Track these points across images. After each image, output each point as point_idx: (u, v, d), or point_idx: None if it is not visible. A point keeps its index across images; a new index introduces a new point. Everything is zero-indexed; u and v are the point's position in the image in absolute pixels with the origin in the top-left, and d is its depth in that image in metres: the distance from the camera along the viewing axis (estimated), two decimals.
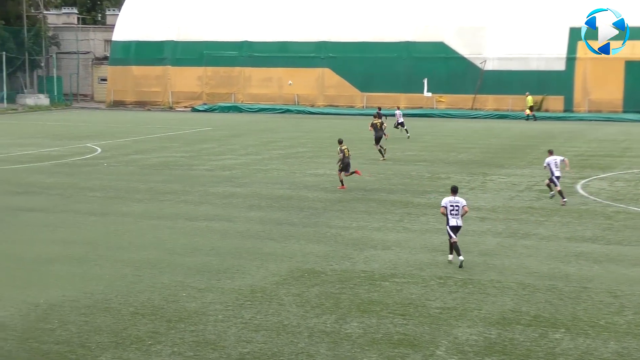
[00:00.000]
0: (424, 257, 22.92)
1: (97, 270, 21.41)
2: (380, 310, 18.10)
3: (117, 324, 17.21)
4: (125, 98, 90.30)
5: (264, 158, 44.60)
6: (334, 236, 25.50)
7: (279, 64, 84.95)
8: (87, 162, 43.24)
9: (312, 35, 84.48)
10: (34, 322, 17.31)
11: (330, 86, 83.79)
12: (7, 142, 52.43)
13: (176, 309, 18.14)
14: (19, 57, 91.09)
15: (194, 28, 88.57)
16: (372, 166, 41.22)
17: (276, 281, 20.36)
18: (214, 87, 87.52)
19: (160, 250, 23.70)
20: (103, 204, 31.18)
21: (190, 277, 20.64)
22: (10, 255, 23.20)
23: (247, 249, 23.84)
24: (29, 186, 35.09)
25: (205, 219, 28.14)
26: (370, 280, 20.43)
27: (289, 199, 31.90)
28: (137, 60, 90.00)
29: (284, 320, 17.42)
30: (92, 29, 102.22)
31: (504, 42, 79.76)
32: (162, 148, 49.55)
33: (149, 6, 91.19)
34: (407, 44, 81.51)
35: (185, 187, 34.86)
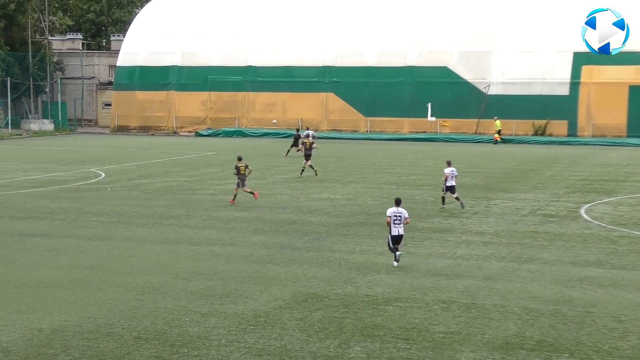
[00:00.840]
0: (428, 281, 22.87)
1: (100, 295, 21.39)
2: (383, 335, 18.06)
3: (119, 349, 17.18)
4: (130, 123, 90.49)
5: (267, 182, 44.62)
6: (338, 260, 25.47)
7: (283, 89, 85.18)
8: (91, 187, 43.29)
9: (316, 60, 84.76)
10: (37, 347, 17.29)
11: (334, 111, 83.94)
12: (12, 167, 52.52)
13: (179, 334, 18.11)
14: (24, 82, 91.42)
15: (198, 53, 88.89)
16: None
17: (279, 305, 20.33)
18: (218, 111, 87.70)
19: (164, 274, 23.69)
20: (106, 228, 31.19)
21: (194, 302, 20.62)
22: (14, 279, 23.19)
23: (251, 273, 23.82)
24: (33, 211, 35.12)
25: (208, 244, 28.13)
26: (373, 305, 20.39)
27: (293, 224, 31.89)
28: (141, 85, 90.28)
29: (287, 345, 17.38)
30: (96, 55, 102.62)
31: (508, 67, 79.96)
32: (166, 173, 49.60)
33: (153, 32, 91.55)
34: (411, 69, 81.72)
35: (188, 211, 34.87)
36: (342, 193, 40.40)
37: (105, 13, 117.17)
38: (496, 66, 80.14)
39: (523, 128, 78.11)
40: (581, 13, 73.49)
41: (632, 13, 77.38)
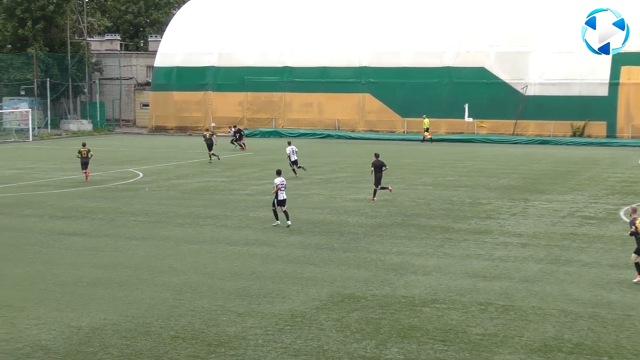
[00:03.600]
0: (465, 283, 22.80)
1: (138, 294, 21.53)
2: (420, 336, 18.03)
3: (157, 347, 17.29)
4: (167, 123, 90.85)
5: (304, 183, 44.65)
6: (375, 261, 25.46)
7: (319, 90, 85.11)
8: (129, 186, 43.56)
9: (352, 60, 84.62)
10: (76, 345, 17.44)
11: (370, 111, 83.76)
12: (51, 167, 52.96)
13: (216, 333, 18.18)
14: (63, 83, 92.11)
15: (235, 54, 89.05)
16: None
17: (316, 306, 20.35)
18: (254, 112, 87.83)
19: (201, 274, 23.79)
20: (144, 228, 31.38)
21: (231, 302, 20.69)
22: (53, 278, 23.40)
23: (287, 273, 23.86)
24: (72, 210, 35.40)
25: (245, 244, 28.22)
26: (410, 306, 20.36)
27: (330, 224, 31.90)
28: (178, 85, 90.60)
29: (324, 345, 17.40)
30: (134, 55, 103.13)
31: (546, 68, 79.38)
32: (203, 173, 49.78)
33: (190, 32, 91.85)
34: (448, 69, 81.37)
35: (225, 211, 34.99)
36: (379, 194, 40.27)
37: (142, 14, 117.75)
38: (533, 67, 79.57)
39: (561, 129, 77.51)
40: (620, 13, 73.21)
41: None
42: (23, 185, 44.07)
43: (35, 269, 24.63)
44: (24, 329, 18.52)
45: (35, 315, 19.56)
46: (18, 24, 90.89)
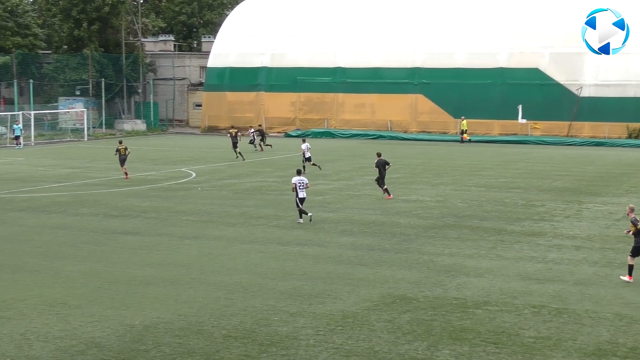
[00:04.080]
0: (518, 285, 22.63)
1: (190, 293, 21.67)
2: (472, 338, 17.93)
3: (209, 346, 17.38)
4: (220, 123, 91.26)
5: (356, 184, 44.63)
6: (426, 262, 25.37)
7: (372, 90, 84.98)
8: (181, 186, 43.86)
9: (405, 61, 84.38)
10: (129, 343, 17.59)
11: (423, 112, 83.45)
12: (105, 167, 53.49)
13: (268, 333, 18.24)
14: (118, 83, 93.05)
15: (288, 54, 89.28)
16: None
17: (368, 307, 20.33)
18: (307, 112, 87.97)
19: (253, 274, 23.88)
20: (197, 227, 31.58)
21: (282, 302, 20.74)
22: (107, 276, 23.64)
23: (339, 274, 23.86)
24: (126, 209, 35.73)
25: (297, 244, 28.27)
26: (462, 308, 20.25)
27: (381, 225, 31.85)
28: (231, 86, 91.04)
29: (375, 347, 17.37)
30: (187, 56, 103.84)
31: (601, 69, 78.51)
32: (255, 173, 49.98)
33: (243, 33, 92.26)
34: (502, 70, 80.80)
35: (277, 211, 35.08)
36: (431, 195, 40.20)
37: (196, 15, 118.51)
38: (589, 68, 78.74)
39: (616, 131, 76.59)
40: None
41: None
42: (78, 184, 44.58)
43: (90, 267, 24.90)
44: (79, 327, 18.73)
45: (89, 313, 19.78)
46: (74, 25, 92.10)
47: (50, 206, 36.71)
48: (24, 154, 64.88)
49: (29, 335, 18.15)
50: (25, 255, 26.63)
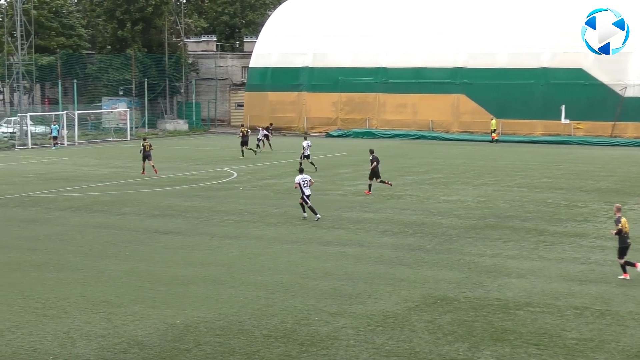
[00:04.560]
0: (560, 286, 22.46)
1: (231, 293, 21.75)
2: (514, 340, 17.82)
3: (250, 346, 17.43)
4: (261, 123, 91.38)
5: (397, 184, 44.52)
6: (468, 263, 25.26)
7: (413, 90, 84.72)
8: (223, 186, 44.03)
9: (447, 61, 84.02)
10: (170, 342, 17.70)
11: (465, 112, 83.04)
12: (148, 166, 53.79)
13: (308, 333, 18.25)
14: (160, 83, 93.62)
15: (329, 54, 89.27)
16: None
17: (408, 307, 20.28)
18: (348, 112, 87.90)
19: (293, 273, 23.92)
20: (238, 227, 31.68)
21: (323, 301, 20.75)
22: (149, 275, 23.79)
23: (380, 274, 23.83)
24: (167, 209, 35.94)
25: (337, 244, 28.27)
26: (504, 309, 20.14)
27: (422, 225, 31.76)
28: (273, 86, 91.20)
29: (416, 347, 17.33)
30: (230, 56, 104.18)
31: None
32: (296, 173, 49.85)
33: (285, 33, 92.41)
34: (545, 70, 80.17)
35: (318, 211, 35.06)
36: (472, 195, 40.02)
37: (238, 15, 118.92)
38: (633, 68, 77.92)
39: None
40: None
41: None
42: (121, 184, 44.92)
43: (132, 266, 25.07)
44: (121, 325, 18.87)
45: (131, 312, 19.92)
46: (117, 26, 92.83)
47: (93, 205, 37.02)
48: (67, 153, 65.49)
49: (72, 333, 18.33)
50: (68, 254, 26.89)
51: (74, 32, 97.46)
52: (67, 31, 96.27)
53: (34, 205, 37.33)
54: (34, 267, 25.01)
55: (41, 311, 20.06)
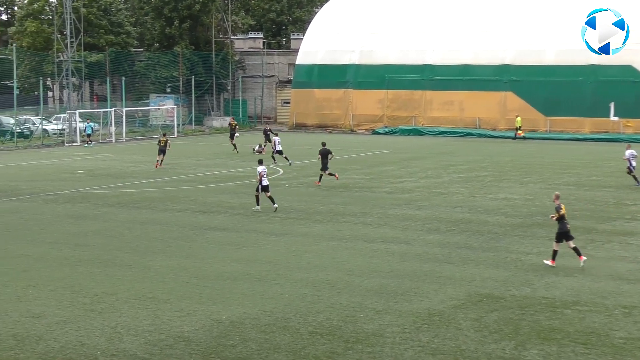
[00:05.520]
0: (608, 285, 22.24)
1: (277, 289, 21.81)
2: (561, 339, 17.69)
3: (295, 342, 17.47)
4: (307, 120, 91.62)
5: (443, 181, 44.37)
6: (514, 261, 25.11)
7: (460, 88, 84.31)
8: (269, 182, 44.03)
9: (494, 58, 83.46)
10: (216, 338, 17.78)
11: (512, 110, 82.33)
12: (195, 163, 54.16)
13: (354, 330, 18.25)
14: (207, 80, 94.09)
15: (376, 51, 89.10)
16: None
17: (454, 305, 20.21)
18: (394, 110, 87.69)
19: (339, 271, 23.93)
20: (284, 224, 31.76)
21: (368, 299, 20.74)
22: (196, 271, 23.93)
23: (425, 272, 23.77)
24: (214, 205, 36.12)
25: (383, 241, 28.23)
26: (551, 307, 19.99)
27: (469, 223, 31.62)
28: (319, 83, 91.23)
29: (462, 345, 17.26)
30: (276, 53, 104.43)
31: None
32: (343, 170, 49.99)
33: (331, 31, 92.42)
34: (594, 67, 79.32)
35: (364, 209, 35.08)
36: (519, 193, 39.76)
37: (285, 12, 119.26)
38: None
39: None
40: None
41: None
42: (168, 180, 45.21)
43: (179, 262, 25.24)
44: (167, 321, 19.00)
45: (178, 308, 20.05)
46: (165, 23, 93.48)
47: (140, 202, 37.32)
48: (115, 150, 66.05)
49: (119, 328, 18.49)
50: (116, 249, 27.13)
51: (123, 29, 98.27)
52: (115, 29, 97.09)
53: (83, 201, 37.72)
54: (83, 262, 25.28)
55: (89, 306, 20.27)
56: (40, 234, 30.03)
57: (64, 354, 16.88)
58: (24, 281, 22.85)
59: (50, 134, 76.80)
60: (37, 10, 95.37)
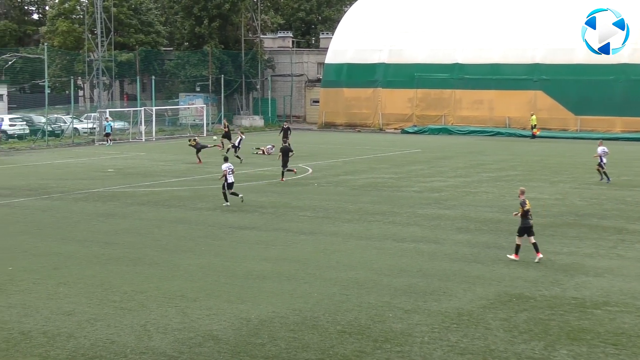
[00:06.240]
0: (639, 285, 22.07)
1: (306, 288, 21.82)
2: (591, 339, 17.58)
3: (324, 341, 17.47)
4: (336, 119, 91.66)
5: (473, 181, 44.23)
6: (544, 261, 24.98)
7: (490, 87, 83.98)
8: (298, 181, 44.18)
9: (525, 57, 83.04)
10: (245, 337, 17.82)
11: (542, 109, 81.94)
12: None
13: (382, 329, 18.23)
14: (237, 79, 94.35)
15: (405, 50, 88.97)
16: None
17: (483, 305, 20.14)
18: (424, 109, 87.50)
19: (368, 270, 23.91)
20: (313, 223, 31.76)
21: (397, 298, 20.71)
22: (224, 270, 23.99)
23: (455, 271, 23.71)
24: (243, 204, 36.17)
25: (412, 241, 28.18)
26: (581, 308, 19.88)
27: (498, 222, 31.49)
28: (348, 82, 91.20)
29: (491, 345, 17.20)
30: (305, 52, 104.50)
31: None
32: (371, 169, 50.00)
33: (361, 30, 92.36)
34: (625, 66, 78.76)
35: (393, 208, 35.03)
36: (549, 193, 39.56)
37: (315, 11, 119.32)
38: None
39: None
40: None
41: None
42: (198, 179, 45.37)
43: (207, 260, 25.31)
44: (196, 319, 19.06)
45: (206, 306, 20.10)
46: (195, 22, 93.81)
47: (170, 200, 37.46)
48: (145, 149, 66.35)
49: (148, 326, 18.57)
50: (145, 248, 27.25)
51: (153, 29, 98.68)
52: (145, 28, 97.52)
53: (113, 199, 37.92)
54: (112, 260, 25.41)
55: (119, 304, 20.37)
56: (70, 232, 30.23)
57: (94, 352, 16.98)
58: (55, 279, 23.01)
59: (80, 133, 77.27)
60: (68, 9, 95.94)
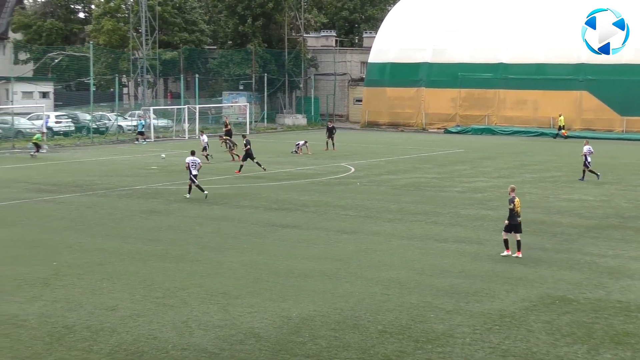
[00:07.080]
0: None
1: (347, 287, 21.79)
2: (635, 343, 17.39)
3: (365, 341, 17.44)
4: (379, 119, 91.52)
5: (516, 181, 43.85)
6: (588, 264, 24.74)
7: (534, 87, 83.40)
8: (340, 181, 44.16)
9: (570, 57, 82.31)
10: (286, 335, 17.84)
11: (588, 109, 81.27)
12: (267, 160, 54.32)
13: (424, 330, 18.16)
14: (280, 78, 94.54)
15: (449, 50, 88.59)
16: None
17: (526, 307, 19.99)
18: (467, 108, 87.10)
19: (410, 270, 23.83)
20: (355, 222, 31.72)
21: (439, 299, 20.62)
22: (266, 268, 24.03)
23: (497, 272, 23.56)
24: (285, 203, 36.24)
25: (455, 241, 28.05)
26: (625, 311, 19.66)
27: (541, 224, 31.25)
28: (391, 81, 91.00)
29: (533, 347, 17.07)
30: (348, 51, 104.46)
31: None
32: (414, 169, 49.85)
33: (404, 29, 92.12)
34: None
35: (435, 208, 34.91)
36: (594, 194, 39.19)
37: (358, 10, 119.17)
38: None
39: None
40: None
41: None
42: (240, 177, 45.50)
43: (250, 258, 25.37)
44: (238, 317, 19.11)
45: (248, 304, 20.15)
46: (239, 21, 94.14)
47: (213, 198, 37.58)
48: (189, 146, 66.53)
49: (190, 323, 18.65)
50: (187, 245, 27.38)
51: (197, 27, 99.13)
52: (189, 27, 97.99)
53: (156, 196, 38.15)
54: (155, 257, 25.56)
55: (161, 300, 20.48)
56: (114, 228, 30.45)
57: (136, 347, 17.08)
58: (99, 274, 23.19)
59: (125, 130, 77.79)
60: (113, 8, 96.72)
